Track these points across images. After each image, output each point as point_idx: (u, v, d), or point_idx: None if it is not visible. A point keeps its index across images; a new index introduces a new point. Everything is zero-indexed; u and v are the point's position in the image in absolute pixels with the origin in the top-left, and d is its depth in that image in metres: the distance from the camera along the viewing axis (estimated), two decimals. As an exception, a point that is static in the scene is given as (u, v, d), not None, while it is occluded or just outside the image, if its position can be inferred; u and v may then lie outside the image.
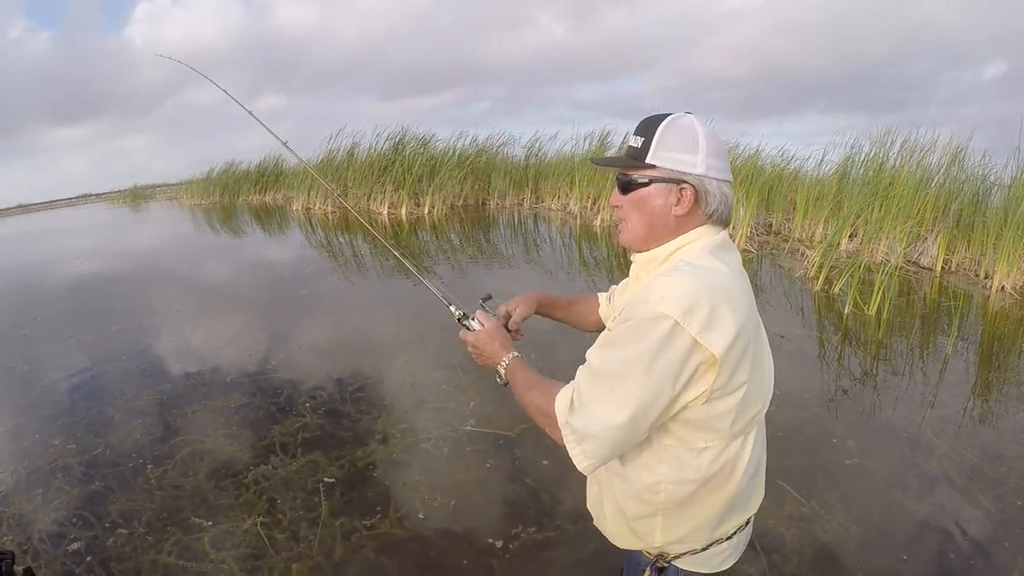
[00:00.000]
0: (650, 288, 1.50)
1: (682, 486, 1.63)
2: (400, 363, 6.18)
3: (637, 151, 1.64)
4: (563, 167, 17.62)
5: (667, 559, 1.78)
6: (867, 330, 7.19)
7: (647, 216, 1.65)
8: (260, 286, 10.42)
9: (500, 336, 1.93)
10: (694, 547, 1.75)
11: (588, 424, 1.48)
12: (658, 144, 1.60)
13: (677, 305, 1.41)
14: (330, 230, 16.03)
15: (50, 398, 5.74)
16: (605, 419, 1.46)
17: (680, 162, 1.58)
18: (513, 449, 4.49)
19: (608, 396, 1.46)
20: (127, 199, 31.77)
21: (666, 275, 1.52)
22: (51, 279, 11.76)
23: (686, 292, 1.43)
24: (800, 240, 11.89)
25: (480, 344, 1.93)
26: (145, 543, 3.64)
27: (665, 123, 1.61)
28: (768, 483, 3.97)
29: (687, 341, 1.42)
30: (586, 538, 3.44)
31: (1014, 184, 9.53)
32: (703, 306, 1.43)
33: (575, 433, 1.49)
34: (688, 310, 1.41)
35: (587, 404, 1.49)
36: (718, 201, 1.61)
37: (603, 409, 1.46)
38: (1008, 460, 4.40)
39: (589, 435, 1.47)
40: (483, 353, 1.92)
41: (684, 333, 1.41)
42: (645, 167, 1.62)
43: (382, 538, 3.61)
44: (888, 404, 5.23)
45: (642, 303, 1.48)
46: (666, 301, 1.43)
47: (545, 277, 9.54)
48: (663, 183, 1.61)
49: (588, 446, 1.48)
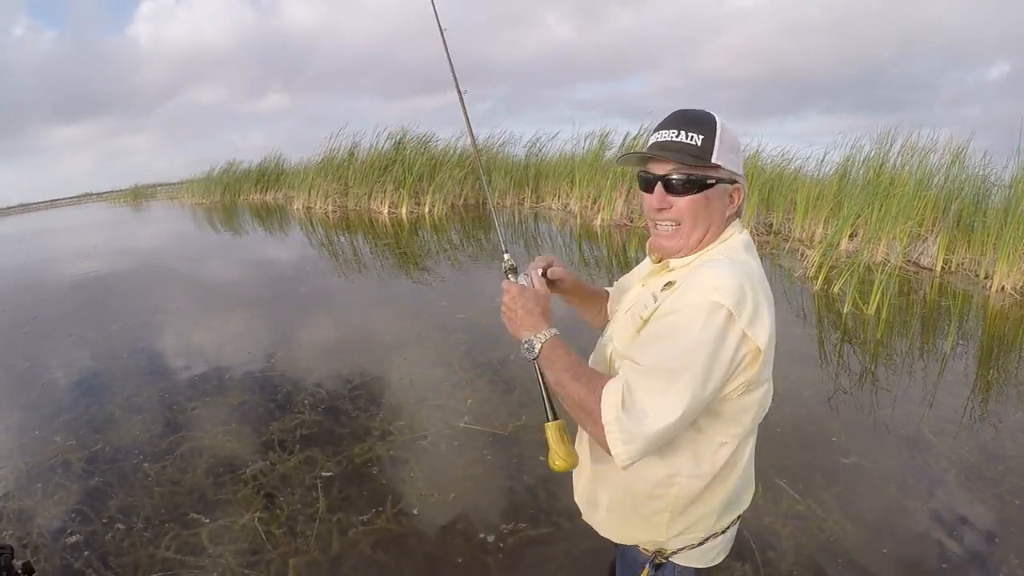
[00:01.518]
0: (696, 279, 1.50)
1: (696, 480, 1.63)
2: (398, 361, 6.19)
3: (698, 149, 1.57)
4: (564, 167, 17.61)
5: (665, 555, 1.77)
6: (866, 329, 7.19)
7: (707, 217, 1.63)
8: (260, 284, 10.45)
9: (546, 304, 1.78)
10: (691, 542, 1.75)
11: (640, 425, 1.42)
12: (721, 144, 1.57)
13: (731, 296, 1.42)
14: (330, 229, 16.03)
15: (50, 395, 5.76)
16: (660, 419, 1.41)
17: (734, 163, 1.60)
18: (509, 446, 4.50)
19: (664, 395, 1.42)
20: (128, 198, 31.74)
21: (711, 266, 1.52)
22: (52, 278, 11.78)
23: (736, 284, 1.44)
24: (800, 240, 11.89)
25: (523, 302, 1.74)
26: (144, 538, 3.66)
27: (720, 122, 1.59)
28: (765, 481, 4.00)
29: (738, 332, 1.43)
30: (581, 535, 3.45)
31: (1014, 184, 9.52)
32: (749, 299, 1.44)
33: (624, 433, 1.42)
34: (739, 301, 1.42)
35: (640, 403, 1.43)
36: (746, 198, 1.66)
37: (659, 409, 1.42)
38: (1006, 459, 4.41)
39: (641, 435, 1.42)
40: (520, 314, 1.73)
41: (735, 324, 1.43)
42: (712, 167, 1.58)
43: (379, 533, 3.62)
44: (886, 403, 5.23)
45: (690, 293, 1.48)
46: (719, 291, 1.43)
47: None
48: (723, 184, 1.61)
49: (636, 446, 1.43)
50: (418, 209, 17.64)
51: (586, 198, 16.02)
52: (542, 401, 1.75)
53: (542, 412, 1.72)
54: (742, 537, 3.51)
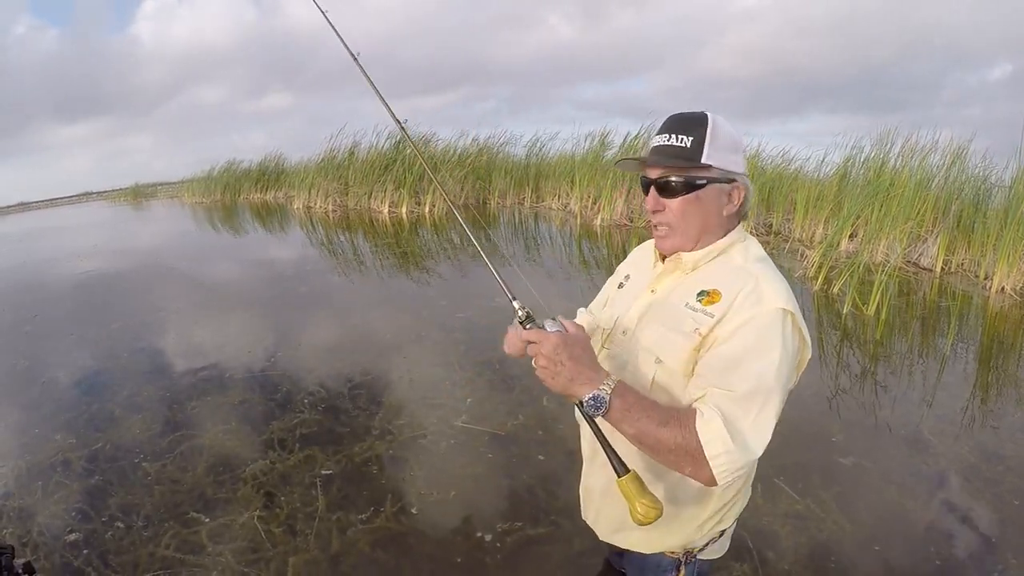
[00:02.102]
0: (754, 288, 1.51)
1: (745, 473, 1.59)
2: (398, 360, 6.20)
3: (687, 151, 1.59)
4: (564, 167, 17.61)
5: (694, 555, 1.80)
6: (865, 330, 7.20)
7: (701, 217, 1.64)
8: (260, 284, 10.46)
9: (592, 349, 1.57)
10: (714, 535, 1.79)
11: (749, 455, 1.41)
12: (712, 143, 1.58)
13: (788, 299, 1.48)
14: (331, 229, 16.04)
15: (51, 394, 5.76)
16: (764, 442, 1.43)
17: (731, 162, 1.62)
18: (508, 445, 4.50)
19: (765, 417, 1.43)
20: (128, 197, 31.74)
21: (761, 274, 1.54)
22: (53, 277, 11.78)
23: (787, 289, 1.51)
24: (800, 240, 11.89)
25: (568, 351, 1.50)
26: (143, 536, 3.67)
27: (712, 122, 1.60)
28: (764, 481, 4.01)
29: (800, 333, 1.51)
30: (579, 534, 3.46)
31: (1014, 185, 9.53)
32: (794, 300, 1.51)
33: (733, 465, 1.39)
34: (791, 302, 1.49)
35: (745, 432, 1.41)
36: (750, 197, 1.67)
37: (763, 433, 1.43)
38: (1006, 459, 4.41)
39: (749, 464, 1.43)
40: (568, 367, 1.49)
41: (798, 326, 1.49)
42: (701, 167, 1.60)
43: (378, 532, 3.63)
44: (886, 404, 5.24)
45: (757, 304, 1.49)
46: (783, 299, 1.48)
47: (545, 277, 9.54)
48: (717, 183, 1.62)
49: (742, 473, 1.42)
50: (418, 209, 17.64)
51: (586, 198, 16.02)
52: (609, 457, 1.53)
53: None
54: (740, 537, 3.53)
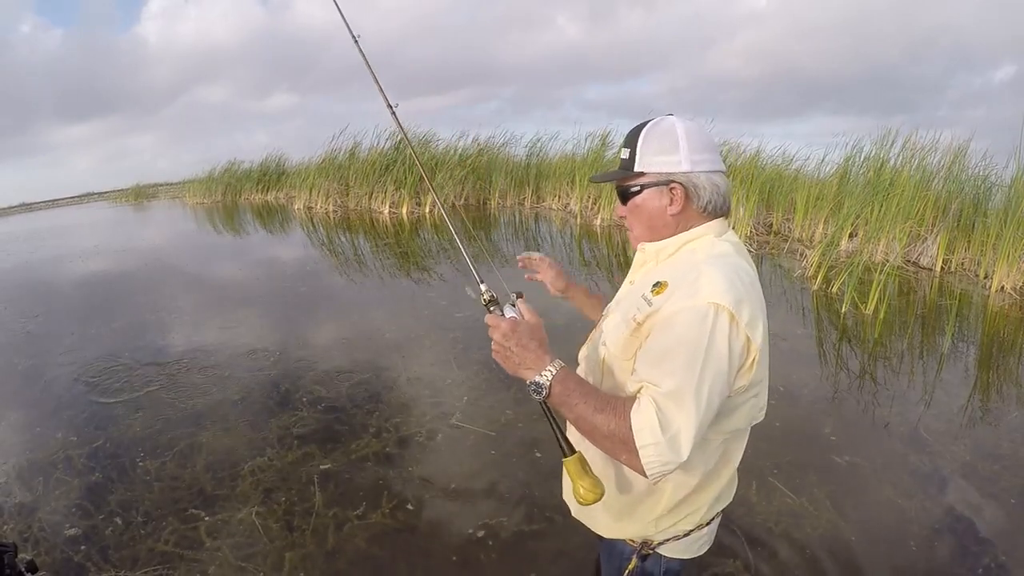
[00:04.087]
0: (693, 281, 1.51)
1: (690, 477, 1.67)
2: (396, 359, 6.24)
3: (627, 162, 1.69)
4: (564, 167, 17.63)
5: (651, 546, 1.81)
6: (864, 329, 7.22)
7: (646, 220, 1.71)
8: (260, 284, 10.48)
9: (542, 334, 1.65)
10: (677, 533, 1.79)
11: (679, 451, 1.41)
12: (642, 152, 1.66)
13: (731, 297, 1.45)
14: (331, 229, 16.05)
15: (52, 392, 5.79)
16: (693, 438, 1.42)
17: (665, 164, 1.63)
18: (504, 443, 4.54)
19: (694, 414, 1.42)
20: (129, 198, 31.65)
21: (707, 267, 1.53)
22: (54, 277, 11.82)
23: (731, 285, 1.47)
24: (800, 240, 11.91)
25: (517, 338, 1.60)
26: (143, 532, 3.70)
27: (645, 130, 1.67)
28: (759, 479, 4.05)
29: (741, 333, 1.46)
30: (572, 530, 3.47)
31: (1014, 184, 9.55)
32: (746, 300, 1.48)
33: (662, 457, 1.41)
34: (738, 303, 1.45)
35: (675, 427, 1.42)
36: (710, 193, 1.64)
37: (691, 429, 1.42)
38: (1002, 458, 4.44)
39: (678, 459, 1.42)
40: (516, 352, 1.60)
41: (739, 326, 1.46)
42: (635, 176, 1.68)
43: (373, 528, 3.67)
44: (883, 403, 5.26)
45: (690, 297, 1.49)
46: (719, 292, 1.45)
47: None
48: (654, 187, 1.66)
49: (671, 467, 1.43)
50: (419, 209, 17.65)
51: (587, 198, 16.04)
52: (555, 439, 1.64)
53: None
54: (734, 534, 3.56)
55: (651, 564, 1.85)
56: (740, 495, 3.87)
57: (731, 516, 3.69)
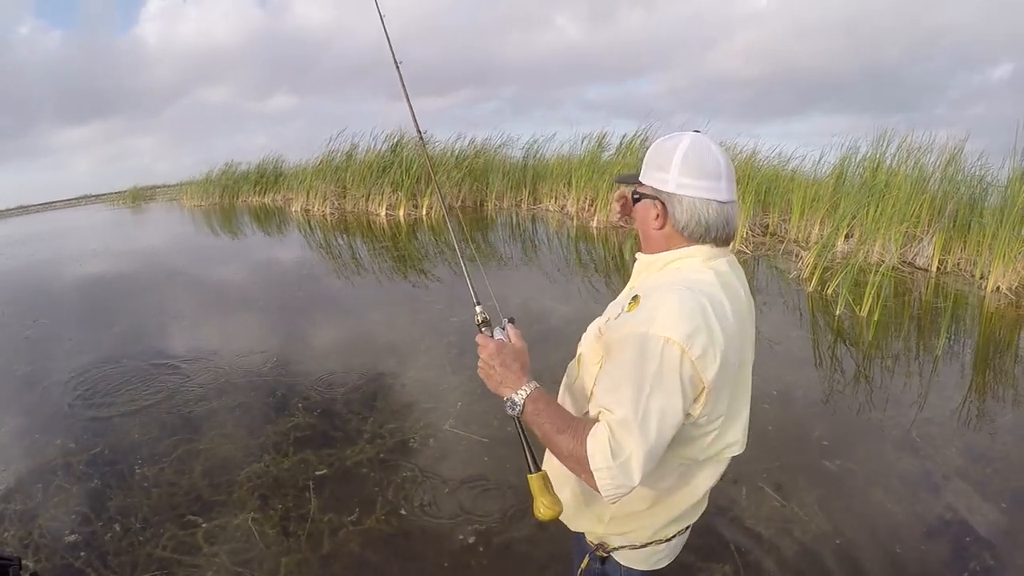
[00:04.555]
0: (655, 307, 1.55)
1: (640, 492, 1.69)
2: (392, 364, 6.28)
3: (638, 171, 1.76)
4: (561, 168, 17.65)
5: (607, 549, 1.88)
6: (859, 331, 7.25)
7: (642, 228, 1.76)
8: (258, 289, 10.51)
9: (525, 359, 1.77)
10: (633, 543, 1.84)
11: (631, 477, 1.47)
12: (646, 163, 1.72)
13: (683, 330, 1.47)
14: (328, 231, 16.06)
15: (51, 399, 5.83)
16: (647, 466, 1.47)
17: (656, 179, 1.67)
18: (497, 449, 4.57)
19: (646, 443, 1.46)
20: (127, 200, 31.56)
21: (667, 296, 1.56)
22: (52, 281, 11.83)
23: (688, 316, 1.49)
24: (796, 241, 11.93)
25: (501, 359, 1.73)
26: (142, 538, 3.74)
27: (655, 144, 1.72)
28: (749, 484, 4.08)
29: (690, 367, 1.48)
30: (563, 535, 3.51)
31: (1010, 184, 9.57)
32: (702, 334, 1.49)
33: (615, 480, 1.47)
34: (690, 335, 1.47)
35: (626, 452, 1.47)
36: (687, 218, 1.64)
37: (643, 457, 1.46)
38: (994, 461, 4.47)
39: (631, 485, 1.48)
40: (498, 371, 1.73)
41: (687, 359, 1.48)
42: (637, 184, 1.75)
43: (368, 533, 3.71)
44: (876, 406, 5.29)
45: (647, 323, 1.52)
46: (667, 328, 1.48)
47: (543, 279, 9.61)
48: (648, 199, 1.71)
49: (624, 492, 1.49)
50: (415, 211, 17.65)
51: (583, 200, 16.07)
52: (524, 454, 1.76)
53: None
54: (722, 539, 3.60)
55: (611, 569, 1.91)
56: (729, 500, 3.93)
57: (720, 520, 3.73)
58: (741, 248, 11.55)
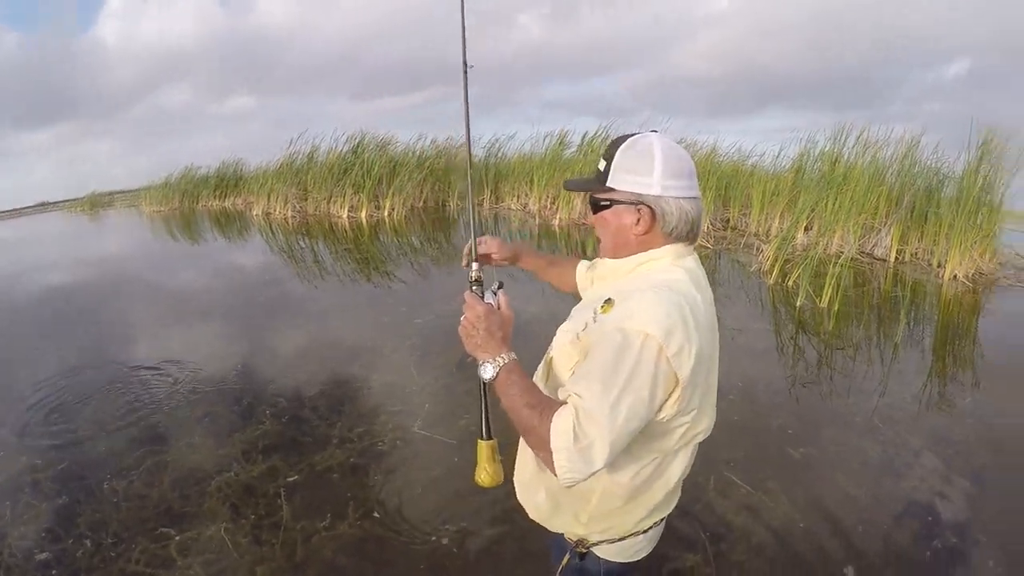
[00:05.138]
0: (632, 305, 1.57)
1: (619, 488, 1.74)
2: (357, 368, 6.28)
3: (602, 175, 1.73)
4: (523, 167, 17.72)
5: (586, 545, 1.90)
6: (820, 322, 7.36)
7: (612, 234, 1.76)
8: (219, 296, 10.40)
9: (509, 329, 1.81)
10: (612, 537, 1.87)
11: (589, 462, 1.49)
12: (616, 168, 1.70)
13: (662, 327, 1.49)
14: (290, 235, 15.96)
15: (14, 414, 5.73)
16: (605, 454, 1.49)
17: (637, 184, 1.67)
18: (466, 450, 4.55)
19: (609, 431, 1.48)
20: (84, 207, 31.03)
21: (651, 294, 1.59)
22: (12, 294, 11.65)
23: (666, 314, 1.51)
24: (756, 235, 12.08)
25: (486, 324, 1.75)
26: (114, 553, 3.71)
27: (623, 146, 1.70)
28: (716, 474, 4.14)
29: (666, 363, 1.51)
30: (535, 533, 3.54)
31: (965, 176, 9.77)
32: (679, 332, 1.51)
33: (571, 463, 1.49)
34: (668, 332, 1.49)
35: (588, 438, 1.48)
36: (677, 219, 1.68)
37: (604, 444, 1.48)
38: (955, 443, 4.60)
39: (587, 470, 1.50)
40: (481, 335, 1.74)
41: (664, 355, 1.50)
42: (606, 190, 1.72)
43: (341, 539, 3.71)
44: (839, 394, 5.40)
45: (625, 320, 1.55)
46: (647, 324, 1.50)
47: (505, 277, 9.59)
48: (623, 204, 1.71)
49: (580, 476, 1.51)
50: (378, 213, 17.62)
51: (545, 198, 16.13)
52: (480, 418, 1.86)
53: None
54: (693, 529, 3.65)
55: (590, 563, 1.93)
56: (698, 490, 4.00)
57: (690, 510, 3.79)
58: (703, 243, 11.66)
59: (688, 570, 3.40)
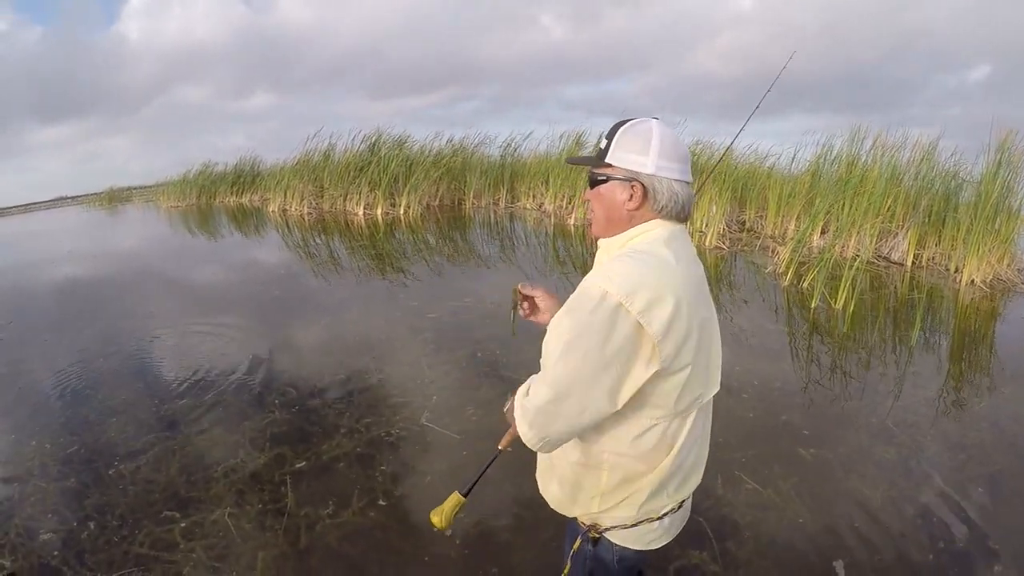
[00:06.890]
0: (601, 270, 1.65)
1: (623, 459, 1.76)
2: (368, 360, 6.29)
3: (602, 152, 1.79)
4: (538, 167, 17.72)
5: (599, 530, 1.90)
6: (834, 324, 7.31)
7: (606, 208, 1.80)
8: (234, 288, 10.46)
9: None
10: (624, 522, 1.86)
11: (533, 403, 1.63)
12: (616, 146, 1.76)
13: (620, 287, 1.55)
14: (306, 231, 15.98)
15: (26, 400, 5.78)
16: (543, 395, 1.60)
17: (633, 162, 1.73)
18: (473, 442, 4.58)
19: (550, 373, 1.61)
20: (103, 202, 31.16)
21: (616, 260, 1.66)
22: (27, 283, 11.68)
23: (630, 275, 1.57)
24: (772, 237, 12.02)
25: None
26: (119, 536, 3.72)
27: (624, 127, 1.77)
28: (725, 472, 4.10)
29: (631, 321, 1.55)
30: (542, 524, 3.54)
31: (983, 180, 9.69)
32: (646, 289, 1.55)
33: (522, 411, 1.66)
34: (631, 292, 1.54)
35: (535, 389, 1.64)
36: (667, 198, 1.73)
37: (544, 385, 1.61)
38: (968, 448, 4.53)
39: (535, 412, 1.62)
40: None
41: (628, 314, 1.54)
42: (605, 166, 1.78)
43: (345, 527, 3.71)
44: (852, 396, 5.35)
45: (588, 281, 1.63)
46: (611, 281, 1.56)
47: (520, 276, 9.59)
48: (619, 180, 1.75)
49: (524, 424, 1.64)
50: (393, 210, 17.63)
51: (560, 198, 16.13)
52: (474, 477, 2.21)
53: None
54: (699, 527, 3.62)
55: (603, 550, 1.93)
56: (707, 487, 3.94)
57: (698, 508, 3.74)
58: (718, 244, 11.64)
59: (694, 567, 3.38)
